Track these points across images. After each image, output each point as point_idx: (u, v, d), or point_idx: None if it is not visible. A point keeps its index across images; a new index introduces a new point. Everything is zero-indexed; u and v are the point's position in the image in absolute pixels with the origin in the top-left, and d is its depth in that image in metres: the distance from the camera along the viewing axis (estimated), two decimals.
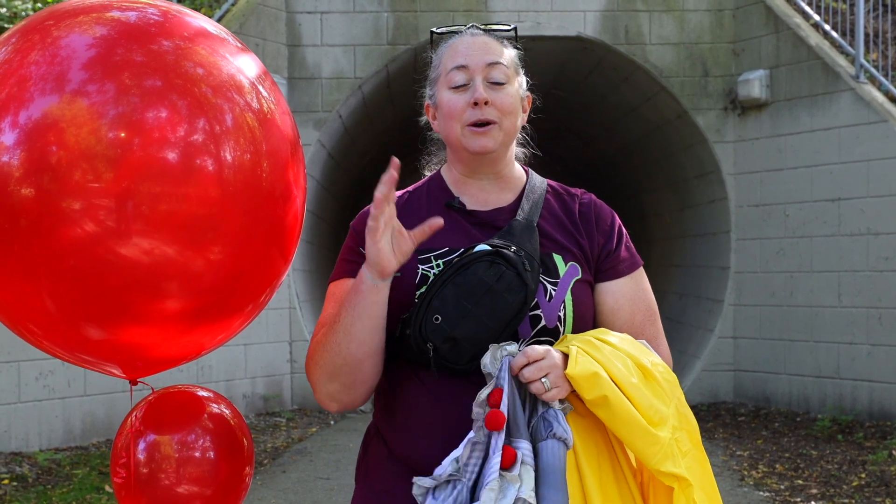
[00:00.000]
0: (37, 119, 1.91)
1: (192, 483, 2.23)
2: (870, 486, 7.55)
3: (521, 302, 2.16)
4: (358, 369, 2.19)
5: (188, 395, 2.34)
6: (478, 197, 2.36)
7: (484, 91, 2.28)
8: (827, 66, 10.49)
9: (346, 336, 2.16)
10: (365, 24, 11.36)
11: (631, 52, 11.52)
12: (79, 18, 2.03)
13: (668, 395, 2.16)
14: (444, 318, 2.13)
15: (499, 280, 2.15)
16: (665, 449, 2.09)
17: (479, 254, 2.18)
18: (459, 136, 2.30)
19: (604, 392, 2.06)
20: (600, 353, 2.12)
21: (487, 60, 2.30)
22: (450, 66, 2.32)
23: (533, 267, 2.20)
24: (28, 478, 7.70)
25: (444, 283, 2.15)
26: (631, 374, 2.12)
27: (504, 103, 2.29)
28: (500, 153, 2.33)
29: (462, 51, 2.32)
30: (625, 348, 2.17)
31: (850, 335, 10.12)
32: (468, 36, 2.36)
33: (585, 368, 2.07)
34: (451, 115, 2.30)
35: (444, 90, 2.33)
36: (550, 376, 2.08)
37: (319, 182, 11.90)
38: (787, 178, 10.86)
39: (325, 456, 8.85)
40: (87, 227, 1.90)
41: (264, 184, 2.06)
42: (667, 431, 2.11)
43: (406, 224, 2.22)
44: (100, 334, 2.04)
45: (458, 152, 2.34)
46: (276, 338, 11.02)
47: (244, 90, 2.07)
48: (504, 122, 2.30)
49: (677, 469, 2.09)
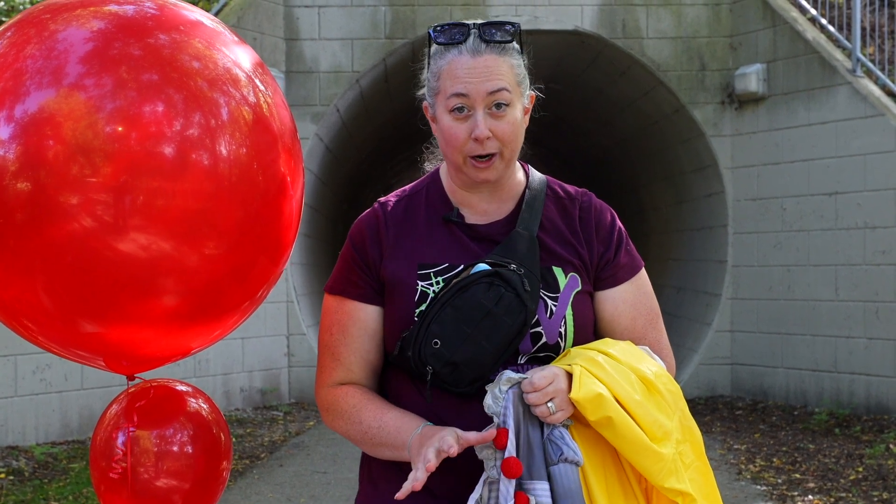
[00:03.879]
0: (33, 113, 1.90)
1: (170, 477, 2.23)
2: (867, 480, 7.56)
3: (520, 324, 2.15)
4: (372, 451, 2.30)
5: (166, 390, 2.33)
6: (477, 208, 2.32)
7: (485, 124, 2.19)
8: (824, 60, 10.49)
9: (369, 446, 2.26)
10: (363, 17, 11.35)
11: (628, 47, 11.52)
12: (76, 12, 2.02)
13: (672, 408, 2.16)
14: (443, 343, 2.12)
15: (498, 303, 2.13)
16: (668, 465, 2.10)
17: (477, 275, 2.16)
18: (461, 164, 2.24)
19: (608, 413, 2.07)
20: (604, 371, 2.11)
21: (489, 89, 2.20)
22: (450, 91, 2.22)
23: (533, 286, 2.19)
24: (25, 472, 7.70)
25: (442, 306, 2.14)
26: (634, 390, 2.12)
27: (505, 133, 2.21)
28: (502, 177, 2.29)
29: (462, 76, 2.20)
30: (628, 361, 2.17)
31: (848, 329, 10.13)
32: (468, 56, 2.22)
33: (589, 391, 2.07)
34: (452, 143, 2.23)
35: (445, 113, 2.24)
36: (556, 400, 2.07)
37: (317, 176, 11.89)
38: (784, 172, 10.86)
39: (323, 450, 8.85)
40: (83, 222, 1.90)
41: (260, 178, 2.05)
42: (670, 447, 2.12)
43: (405, 234, 2.22)
44: (95, 330, 2.04)
45: (458, 174, 2.29)
46: (274, 331, 11.02)
47: (240, 84, 2.06)
48: (505, 151, 2.23)
49: (681, 485, 2.11)
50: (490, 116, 2.20)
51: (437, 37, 2.27)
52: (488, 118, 2.20)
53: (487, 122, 2.20)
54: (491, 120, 2.20)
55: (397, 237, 2.26)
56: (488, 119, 2.20)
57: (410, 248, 2.26)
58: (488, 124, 2.20)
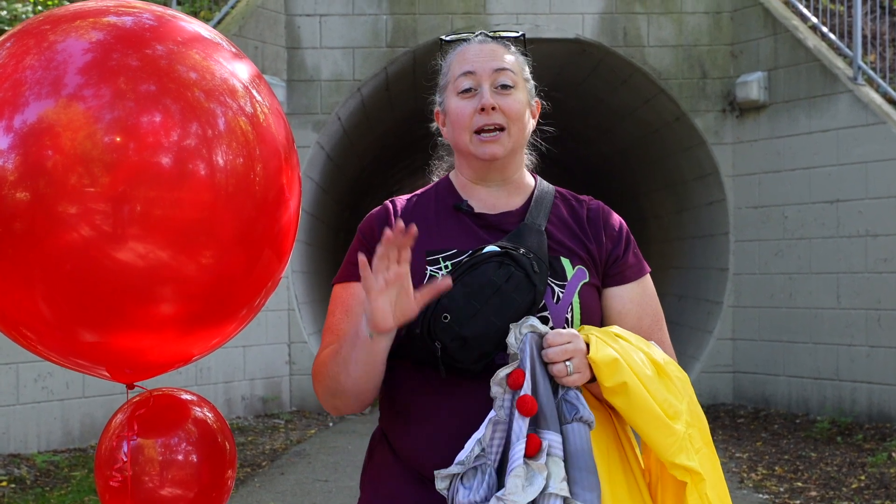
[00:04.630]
0: (32, 123, 1.92)
1: (175, 486, 2.23)
2: (869, 489, 7.56)
3: (529, 303, 2.16)
4: (356, 397, 2.23)
5: (171, 399, 2.34)
6: (486, 201, 2.37)
7: (491, 97, 2.29)
8: (825, 68, 10.50)
9: (345, 371, 2.18)
10: (364, 26, 11.37)
11: (629, 55, 11.53)
12: (76, 23, 2.04)
13: (681, 392, 2.16)
14: (453, 317, 2.13)
15: (508, 281, 2.15)
16: (680, 441, 2.09)
17: (488, 254, 2.19)
18: (468, 143, 2.31)
19: (624, 379, 2.06)
20: (618, 343, 2.13)
21: (495, 66, 2.32)
22: (458, 73, 2.34)
23: (541, 269, 2.21)
24: (26, 480, 7.70)
25: (453, 283, 2.15)
26: (646, 367, 2.12)
27: (511, 108, 2.30)
28: (509, 159, 2.34)
29: (470, 57, 2.34)
30: (639, 345, 2.18)
31: (849, 337, 10.13)
32: (476, 43, 2.38)
33: (607, 354, 2.07)
34: (458, 122, 2.31)
35: (453, 96, 2.34)
36: (574, 360, 2.08)
37: (318, 184, 11.90)
38: (786, 179, 10.86)
39: (324, 458, 8.85)
40: (82, 232, 1.91)
41: (257, 188, 2.06)
42: (681, 425, 2.11)
43: (414, 224, 2.23)
44: (95, 339, 2.05)
45: (466, 159, 2.35)
46: (275, 339, 11.02)
47: (237, 94, 2.07)
48: (512, 128, 2.31)
49: (691, 462, 2.09)
50: (496, 94, 2.31)
51: (447, 38, 2.45)
52: (495, 95, 2.30)
53: (494, 97, 2.30)
54: (497, 96, 2.31)
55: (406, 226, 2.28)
56: (495, 95, 2.30)
57: (420, 237, 2.27)
58: (494, 99, 2.30)
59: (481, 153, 2.30)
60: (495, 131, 2.29)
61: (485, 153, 2.29)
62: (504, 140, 2.30)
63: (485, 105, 2.28)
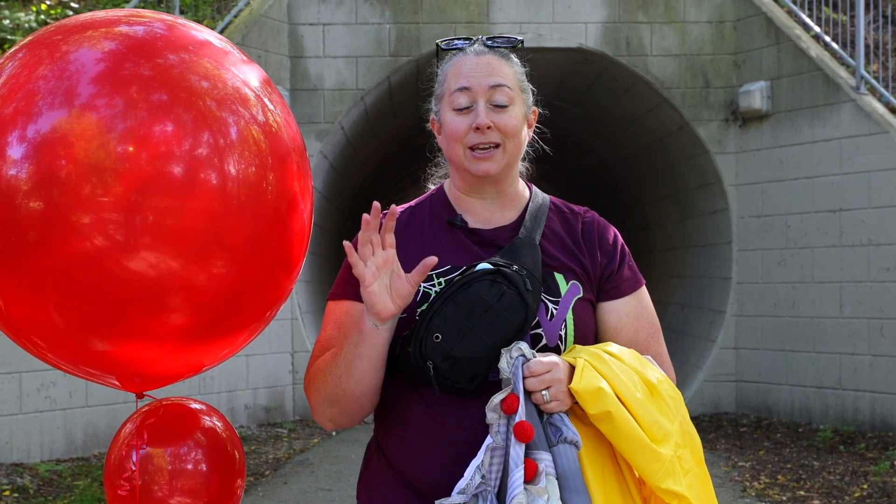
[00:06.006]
0: (46, 133, 1.92)
1: (184, 495, 2.23)
2: (872, 498, 7.55)
3: (521, 321, 2.17)
4: (357, 402, 2.23)
5: (180, 408, 2.34)
6: (480, 215, 2.36)
7: (486, 115, 2.27)
8: (828, 77, 10.51)
9: (347, 371, 2.18)
10: (367, 35, 11.39)
11: (632, 64, 11.55)
12: (87, 33, 2.04)
13: (673, 412, 2.17)
14: (444, 337, 2.13)
15: (500, 299, 2.15)
16: (666, 466, 2.11)
17: (480, 272, 2.18)
18: (462, 158, 2.30)
19: (607, 408, 2.08)
20: (607, 367, 2.14)
21: (490, 83, 2.29)
22: (453, 87, 2.31)
23: (534, 286, 2.20)
24: (29, 489, 7.69)
25: (444, 301, 2.15)
26: (636, 389, 2.13)
27: (507, 126, 2.28)
28: (504, 174, 2.33)
29: (465, 72, 2.31)
30: (632, 364, 2.18)
31: (852, 346, 10.12)
32: (472, 55, 2.34)
33: (590, 384, 2.09)
34: (453, 138, 2.30)
35: (448, 111, 2.32)
36: (552, 390, 2.10)
37: (322, 193, 11.91)
38: (789, 188, 10.87)
39: (327, 467, 8.84)
40: (95, 241, 1.91)
41: (270, 197, 2.07)
42: (669, 448, 2.12)
43: (408, 241, 2.23)
44: (105, 348, 2.05)
45: (460, 172, 2.35)
46: (279, 349, 11.02)
47: (249, 102, 2.08)
48: (508, 144, 2.29)
49: (678, 487, 2.11)
50: (492, 111, 2.28)
51: (444, 45, 2.40)
52: (490, 112, 2.28)
53: (489, 115, 2.27)
54: (492, 114, 2.28)
55: (400, 242, 2.27)
56: (490, 113, 2.28)
57: (413, 253, 2.27)
58: (490, 117, 2.27)
59: (475, 170, 2.29)
60: (490, 148, 2.28)
61: (478, 170, 2.29)
62: (498, 157, 2.29)
63: (479, 125, 2.26)
